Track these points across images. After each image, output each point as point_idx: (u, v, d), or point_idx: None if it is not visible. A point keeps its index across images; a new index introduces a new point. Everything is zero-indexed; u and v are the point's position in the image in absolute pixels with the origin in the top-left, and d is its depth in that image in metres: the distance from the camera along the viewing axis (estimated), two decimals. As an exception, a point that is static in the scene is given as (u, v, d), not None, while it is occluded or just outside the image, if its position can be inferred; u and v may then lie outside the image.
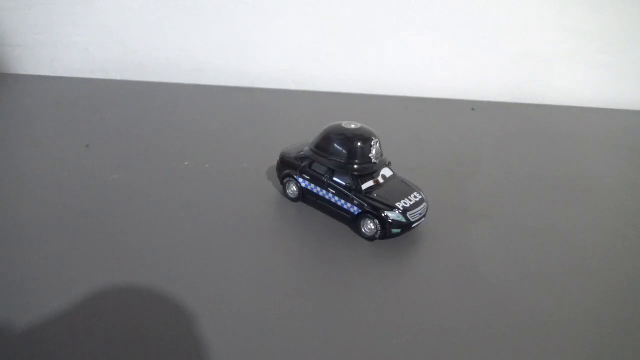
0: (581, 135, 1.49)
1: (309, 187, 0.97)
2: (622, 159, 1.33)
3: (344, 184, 0.91)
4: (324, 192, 0.94)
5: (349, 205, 0.90)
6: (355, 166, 0.90)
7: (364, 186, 0.90)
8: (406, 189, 0.92)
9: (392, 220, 0.86)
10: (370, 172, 0.91)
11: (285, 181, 1.01)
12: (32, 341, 0.64)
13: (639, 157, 1.35)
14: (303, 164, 0.97)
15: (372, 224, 0.88)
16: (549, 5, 1.64)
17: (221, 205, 0.99)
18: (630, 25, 1.66)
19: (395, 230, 0.86)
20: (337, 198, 0.92)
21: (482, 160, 1.27)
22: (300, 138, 1.10)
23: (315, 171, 0.95)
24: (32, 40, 1.80)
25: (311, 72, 1.80)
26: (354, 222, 0.91)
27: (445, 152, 1.31)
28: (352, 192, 0.90)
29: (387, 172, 0.95)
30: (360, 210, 0.89)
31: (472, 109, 1.68)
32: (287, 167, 1.00)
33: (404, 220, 0.86)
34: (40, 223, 0.90)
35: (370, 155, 0.90)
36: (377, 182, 0.92)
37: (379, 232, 0.87)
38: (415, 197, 0.91)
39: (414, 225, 0.88)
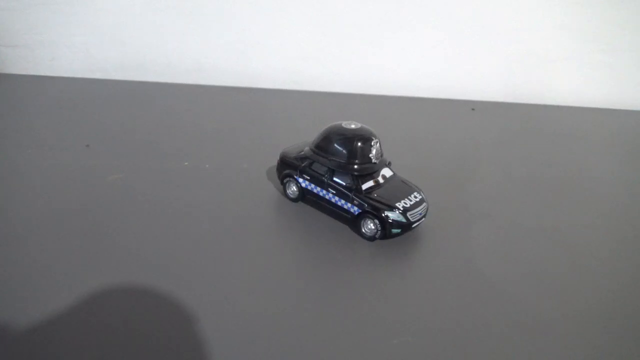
0: (581, 135, 1.49)
1: (309, 187, 0.97)
2: (622, 159, 1.33)
3: (344, 184, 0.91)
4: (324, 192, 0.94)
5: (349, 205, 0.90)
6: (355, 166, 0.90)
7: (364, 186, 0.90)
8: (406, 189, 0.92)
9: (392, 220, 0.86)
10: (370, 172, 0.91)
11: (285, 181, 1.01)
12: (32, 341, 0.64)
13: (639, 157, 1.35)
14: (303, 164, 0.97)
15: (372, 224, 0.87)
16: (549, 5, 1.64)
17: (221, 205, 0.99)
18: (630, 25, 1.66)
19: (395, 230, 0.86)
20: (337, 198, 0.92)
21: (482, 160, 1.27)
22: (300, 138, 1.09)
23: (315, 171, 0.95)
24: (32, 40, 1.80)
25: (311, 72, 1.80)
26: (354, 222, 0.91)
27: (445, 152, 1.31)
28: (352, 192, 0.90)
29: (387, 172, 0.95)
30: (360, 210, 0.89)
31: (472, 109, 1.68)
32: (287, 167, 1.00)
33: (404, 220, 0.86)
34: (40, 223, 0.90)
35: (370, 155, 0.90)
36: (377, 182, 0.92)
37: (379, 232, 0.87)
38: (415, 197, 0.91)
39: (414, 225, 0.88)
